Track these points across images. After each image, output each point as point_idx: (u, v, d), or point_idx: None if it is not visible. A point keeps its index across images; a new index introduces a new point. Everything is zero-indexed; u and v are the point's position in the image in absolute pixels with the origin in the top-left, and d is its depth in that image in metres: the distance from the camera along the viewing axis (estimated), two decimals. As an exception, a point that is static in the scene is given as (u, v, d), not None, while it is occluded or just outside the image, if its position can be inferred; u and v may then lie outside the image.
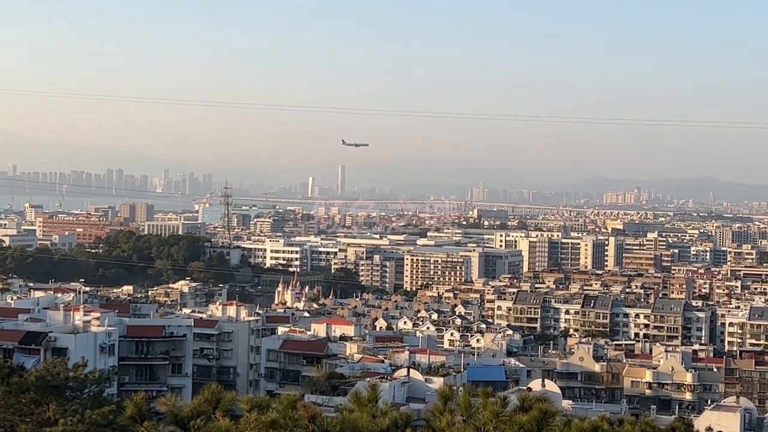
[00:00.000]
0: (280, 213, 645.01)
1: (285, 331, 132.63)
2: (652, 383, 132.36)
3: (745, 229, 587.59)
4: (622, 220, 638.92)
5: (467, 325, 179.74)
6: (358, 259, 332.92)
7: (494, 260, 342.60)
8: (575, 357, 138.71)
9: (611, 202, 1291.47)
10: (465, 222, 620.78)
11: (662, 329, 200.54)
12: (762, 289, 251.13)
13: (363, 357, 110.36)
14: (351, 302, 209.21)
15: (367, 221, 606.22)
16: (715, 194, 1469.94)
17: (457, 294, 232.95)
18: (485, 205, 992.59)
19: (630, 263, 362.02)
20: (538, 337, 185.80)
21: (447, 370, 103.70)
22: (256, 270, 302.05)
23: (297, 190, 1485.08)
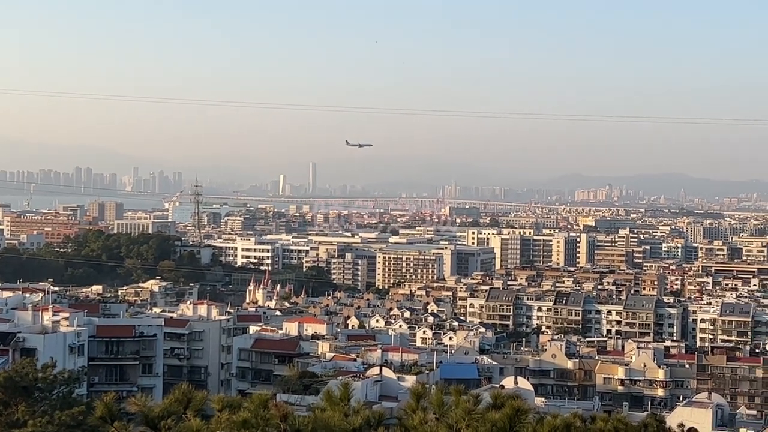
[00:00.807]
0: (251, 211, 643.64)
1: (256, 330, 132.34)
2: (625, 380, 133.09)
3: (716, 225, 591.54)
4: (593, 217, 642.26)
5: (439, 322, 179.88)
6: (329, 257, 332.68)
7: (466, 258, 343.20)
8: (548, 354, 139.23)
9: (583, 199, 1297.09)
10: (437, 219, 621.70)
11: (634, 326, 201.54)
12: (733, 285, 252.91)
13: (335, 356, 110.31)
14: (323, 301, 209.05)
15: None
16: (687, 191, 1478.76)
17: (430, 292, 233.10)
18: (457, 202, 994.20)
19: (602, 260, 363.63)
20: (511, 334, 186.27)
21: (419, 368, 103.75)
22: (227, 269, 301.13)
23: (268, 188, 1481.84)
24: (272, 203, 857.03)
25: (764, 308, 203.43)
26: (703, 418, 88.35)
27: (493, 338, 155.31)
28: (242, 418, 21.43)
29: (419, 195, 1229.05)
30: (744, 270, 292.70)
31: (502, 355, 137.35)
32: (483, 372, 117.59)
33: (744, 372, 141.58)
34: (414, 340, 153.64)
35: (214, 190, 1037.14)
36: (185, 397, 21.94)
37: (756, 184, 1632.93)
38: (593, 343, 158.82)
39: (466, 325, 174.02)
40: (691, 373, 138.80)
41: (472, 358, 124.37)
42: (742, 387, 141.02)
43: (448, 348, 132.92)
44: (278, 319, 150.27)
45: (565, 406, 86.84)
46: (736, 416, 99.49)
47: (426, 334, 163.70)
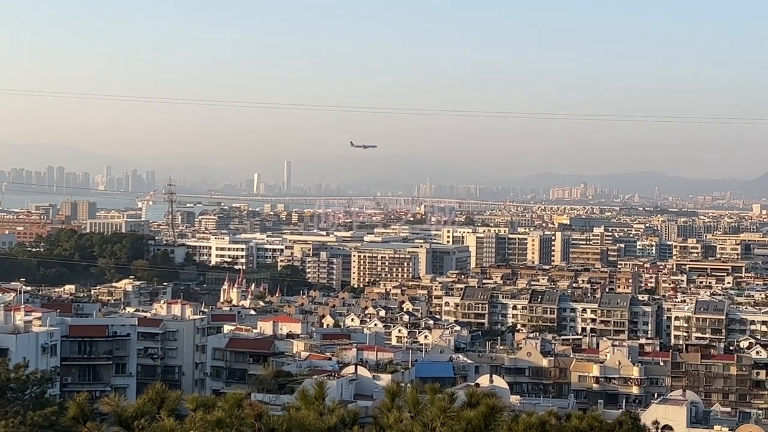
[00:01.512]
0: (225, 210, 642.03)
1: (231, 330, 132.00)
2: (599, 378, 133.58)
3: (690, 223, 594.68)
4: (568, 215, 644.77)
5: (415, 321, 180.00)
6: (304, 256, 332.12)
7: (441, 256, 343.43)
8: (523, 352, 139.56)
9: (558, 198, 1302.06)
10: (412, 218, 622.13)
11: (609, 324, 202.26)
12: (707, 283, 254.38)
13: (310, 355, 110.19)
14: (298, 300, 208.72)
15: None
16: (661, 189, 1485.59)
17: (405, 290, 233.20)
18: (432, 200, 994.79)
19: (576, 258, 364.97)
20: (486, 332, 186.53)
21: (395, 366, 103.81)
22: (201, 268, 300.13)
23: (242, 187, 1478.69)
24: (246, 202, 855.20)
25: (738, 306, 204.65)
26: (678, 416, 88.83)
27: (468, 337, 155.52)
28: (216, 418, 21.38)
29: (394, 194, 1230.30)
30: (718, 268, 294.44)
31: (478, 354, 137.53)
32: (458, 370, 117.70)
33: (718, 369, 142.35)
34: (389, 339, 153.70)
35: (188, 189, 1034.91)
36: (159, 396, 21.86)
37: (730, 183, 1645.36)
38: (568, 341, 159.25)
39: (442, 324, 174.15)
40: (665, 370, 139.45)
41: (448, 357, 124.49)
42: (717, 384, 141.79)
43: (423, 346, 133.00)
44: (253, 319, 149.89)
45: (540, 404, 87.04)
46: (711, 413, 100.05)
47: (401, 332, 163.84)
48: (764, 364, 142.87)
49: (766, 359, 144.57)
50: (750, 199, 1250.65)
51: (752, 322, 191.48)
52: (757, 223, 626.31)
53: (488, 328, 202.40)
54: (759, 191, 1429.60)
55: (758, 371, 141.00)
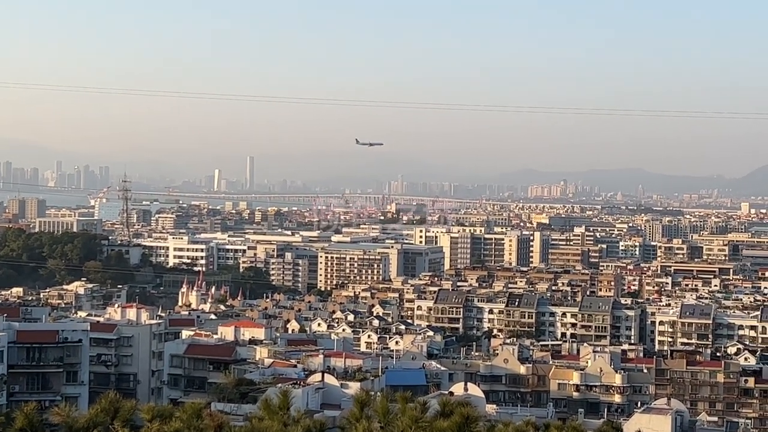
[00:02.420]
0: (184, 208, 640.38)
1: (190, 335, 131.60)
2: (580, 385, 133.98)
3: (676, 222, 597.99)
4: (547, 214, 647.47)
5: (385, 326, 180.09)
6: (268, 257, 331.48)
7: (414, 257, 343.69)
8: (499, 359, 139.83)
9: (536, 196, 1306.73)
10: (382, 217, 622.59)
11: (590, 329, 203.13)
12: (693, 285, 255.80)
13: (274, 362, 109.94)
14: (261, 303, 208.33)
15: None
16: (645, 186, 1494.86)
17: (375, 293, 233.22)
18: (404, 198, 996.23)
19: (556, 259, 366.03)
20: (461, 338, 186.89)
21: (364, 374, 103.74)
22: (157, 269, 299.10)
23: (202, 184, 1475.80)
24: (206, 200, 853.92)
25: (725, 310, 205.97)
26: (662, 426, 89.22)
27: (441, 342, 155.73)
28: (174, 429, 21.33)
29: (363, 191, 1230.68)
30: (704, 270, 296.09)
31: (452, 360, 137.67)
32: (431, 378, 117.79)
33: (704, 377, 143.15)
34: (358, 345, 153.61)
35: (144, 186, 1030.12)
36: (112, 406, 21.79)
37: (717, 180, 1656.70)
38: (547, 346, 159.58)
39: (414, 329, 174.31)
40: (649, 378, 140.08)
41: (420, 364, 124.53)
42: (703, 392, 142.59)
43: (394, 353, 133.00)
44: (213, 323, 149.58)
45: (517, 414, 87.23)
46: (697, 423, 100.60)
47: (371, 338, 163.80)
48: (753, 371, 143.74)
49: (754, 366, 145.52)
50: (738, 197, 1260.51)
51: (740, 327, 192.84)
52: (745, 222, 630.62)
53: (463, 333, 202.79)
54: (748, 189, 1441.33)
55: (746, 379, 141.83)
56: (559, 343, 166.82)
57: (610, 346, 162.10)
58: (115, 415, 21.67)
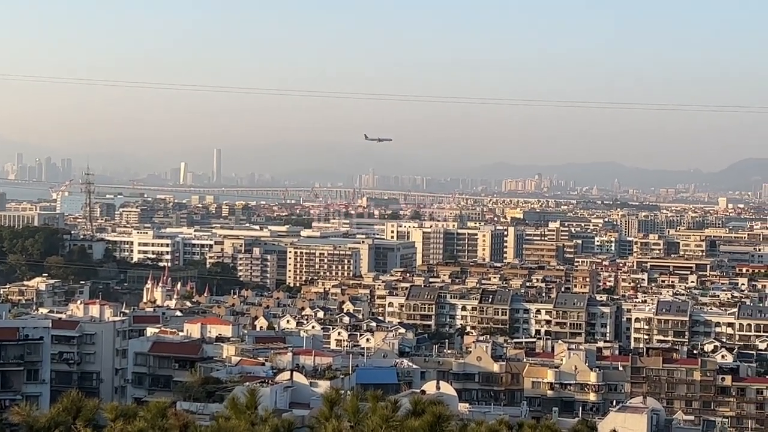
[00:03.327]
0: (149, 202, 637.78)
1: (154, 333, 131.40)
2: (554, 384, 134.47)
3: (652, 217, 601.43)
4: (522, 209, 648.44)
5: (356, 323, 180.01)
6: (235, 252, 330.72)
7: (385, 253, 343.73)
8: (472, 356, 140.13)
9: (510, 190, 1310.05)
10: (353, 211, 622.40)
11: (565, 326, 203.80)
12: (670, 281, 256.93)
13: (241, 360, 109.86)
14: (228, 300, 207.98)
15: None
16: (620, 180, 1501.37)
17: (345, 290, 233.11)
18: (375, 192, 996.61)
19: (530, 255, 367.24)
20: (433, 335, 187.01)
21: (334, 372, 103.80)
22: (121, 265, 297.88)
23: (168, 177, 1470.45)
24: (172, 193, 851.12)
25: (702, 307, 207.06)
26: (638, 424, 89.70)
27: (413, 340, 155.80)
28: (138, 428, 21.25)
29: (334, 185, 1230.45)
30: (681, 266, 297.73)
31: (424, 358, 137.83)
32: (402, 376, 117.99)
33: (681, 375, 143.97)
34: (328, 343, 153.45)
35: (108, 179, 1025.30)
36: (75, 405, 21.68)
37: (694, 174, 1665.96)
38: (521, 344, 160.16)
39: (385, 326, 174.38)
40: (624, 376, 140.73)
41: (391, 362, 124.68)
42: (679, 391, 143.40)
43: (364, 350, 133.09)
44: (179, 320, 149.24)
45: (490, 413, 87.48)
46: (673, 422, 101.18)
47: (341, 335, 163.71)
48: (730, 369, 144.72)
49: (731, 364, 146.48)
50: (716, 192, 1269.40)
51: (717, 324, 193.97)
52: (723, 217, 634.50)
53: (435, 330, 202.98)
54: (725, 184, 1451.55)
55: (723, 377, 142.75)
56: (533, 341, 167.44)
57: (585, 343, 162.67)
58: (77, 414, 21.56)
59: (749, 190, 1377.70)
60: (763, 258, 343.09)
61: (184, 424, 21.50)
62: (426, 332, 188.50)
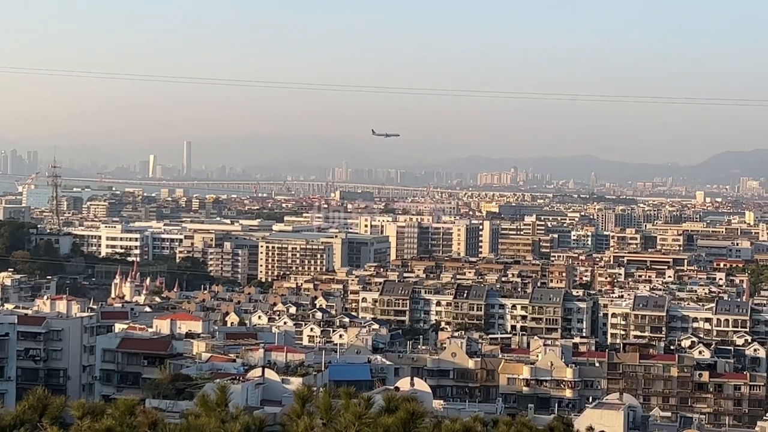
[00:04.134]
0: (117, 195, 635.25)
1: (123, 329, 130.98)
2: (530, 380, 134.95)
3: (629, 211, 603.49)
4: (497, 203, 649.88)
5: (329, 319, 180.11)
6: (206, 246, 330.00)
7: (358, 247, 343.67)
8: (447, 353, 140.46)
9: (486, 183, 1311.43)
10: (326, 205, 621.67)
11: (541, 321, 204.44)
12: (647, 276, 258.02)
13: (212, 356, 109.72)
14: (198, 295, 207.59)
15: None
16: (597, 174, 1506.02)
17: (318, 285, 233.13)
18: (349, 186, 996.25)
19: (506, 249, 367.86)
20: (407, 331, 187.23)
21: (306, 369, 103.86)
22: (89, 260, 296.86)
23: (136, 170, 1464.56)
24: (141, 186, 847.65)
25: (680, 302, 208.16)
26: (614, 421, 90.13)
27: (387, 336, 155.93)
28: (105, 426, 21.16)
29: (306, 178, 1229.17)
30: (658, 260, 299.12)
31: (398, 354, 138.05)
32: (376, 373, 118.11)
33: (658, 371, 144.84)
34: (300, 339, 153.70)
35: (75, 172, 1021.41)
36: (41, 403, 21.57)
37: (672, 168, 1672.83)
38: (496, 340, 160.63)
39: (358, 322, 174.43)
40: (601, 372, 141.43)
41: (365, 358, 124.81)
42: (656, 387, 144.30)
43: (337, 347, 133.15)
44: (148, 316, 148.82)
45: (465, 409, 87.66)
46: (650, 418, 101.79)
47: (314, 331, 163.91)
48: (707, 365, 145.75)
49: (709, 360, 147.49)
50: (693, 185, 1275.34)
51: (695, 320, 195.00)
52: (700, 211, 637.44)
53: (409, 326, 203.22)
54: (703, 177, 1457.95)
55: (701, 373, 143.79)
56: (508, 337, 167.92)
57: (561, 339, 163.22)
58: (43, 412, 21.47)
59: (727, 183, 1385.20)
60: (740, 253, 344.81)
61: (153, 422, 21.42)
62: (400, 328, 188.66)
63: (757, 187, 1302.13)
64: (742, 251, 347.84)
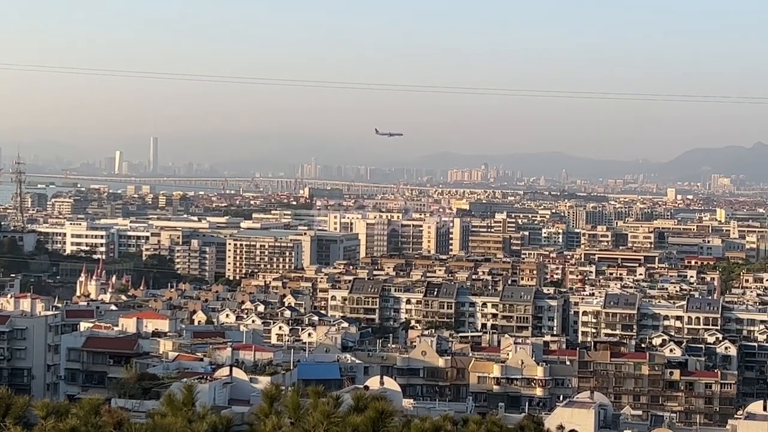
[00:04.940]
0: (83, 192, 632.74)
1: (88, 327, 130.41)
2: (500, 378, 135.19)
3: (600, 208, 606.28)
4: (468, 200, 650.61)
5: (297, 317, 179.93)
6: (173, 244, 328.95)
7: (328, 245, 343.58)
8: (417, 351, 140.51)
9: (456, 180, 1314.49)
10: (295, 202, 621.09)
11: (511, 319, 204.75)
12: (618, 274, 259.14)
13: (179, 355, 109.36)
14: (165, 293, 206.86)
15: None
16: (568, 171, 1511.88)
17: (286, 283, 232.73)
18: (318, 183, 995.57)
19: (477, 247, 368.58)
20: (377, 329, 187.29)
21: (275, 368, 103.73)
22: (54, 257, 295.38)
23: (102, 166, 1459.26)
24: (107, 183, 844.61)
25: (651, 300, 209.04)
26: (585, 419, 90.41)
27: (357, 334, 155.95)
28: (70, 426, 21.08)
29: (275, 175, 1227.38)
30: (629, 258, 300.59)
31: (367, 353, 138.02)
32: (345, 372, 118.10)
33: (629, 369, 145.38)
34: (269, 337, 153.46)
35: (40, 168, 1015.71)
36: (4, 403, 21.49)
37: (643, 165, 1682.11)
38: (467, 338, 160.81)
39: (327, 320, 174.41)
40: (572, 370, 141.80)
41: (334, 357, 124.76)
42: (627, 385, 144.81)
43: (306, 345, 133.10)
44: (114, 315, 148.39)
45: (435, 408, 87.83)
46: (621, 417, 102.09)
47: (282, 330, 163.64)
48: (678, 363, 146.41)
49: (680, 358, 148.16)
50: (664, 182, 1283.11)
51: (666, 317, 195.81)
52: (671, 209, 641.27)
53: (379, 324, 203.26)
54: (674, 174, 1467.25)
55: (672, 371, 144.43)
56: (479, 335, 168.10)
57: (532, 337, 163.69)
58: (6, 412, 21.37)
59: (698, 180, 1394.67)
60: (712, 250, 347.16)
61: (118, 422, 21.37)
62: (369, 326, 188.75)
63: (728, 184, 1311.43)
64: (713, 249, 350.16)
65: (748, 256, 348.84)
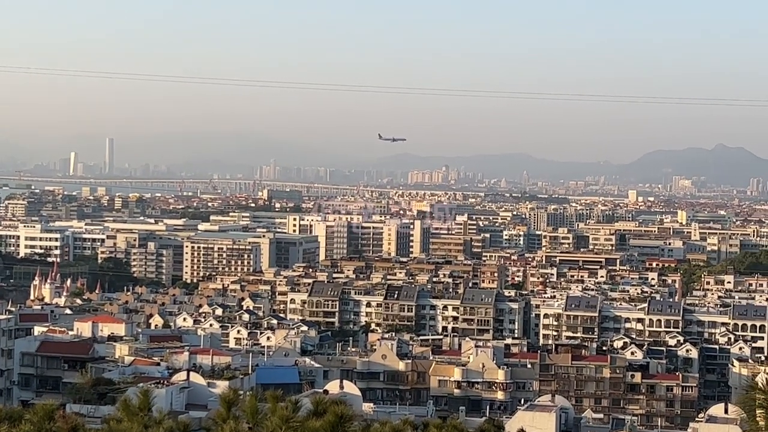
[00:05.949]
0: (37, 194, 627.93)
1: (43, 332, 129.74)
2: (461, 382, 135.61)
3: (561, 210, 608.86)
4: (428, 202, 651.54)
5: (256, 321, 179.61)
6: (129, 246, 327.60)
7: (287, 247, 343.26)
8: (377, 355, 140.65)
9: (417, 182, 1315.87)
10: (253, 204, 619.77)
11: (472, 322, 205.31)
12: (579, 276, 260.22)
13: (135, 359, 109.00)
14: (121, 297, 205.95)
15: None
16: (529, 172, 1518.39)
17: (245, 286, 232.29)
18: (276, 184, 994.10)
19: (437, 249, 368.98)
20: (336, 333, 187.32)
21: (232, 372, 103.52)
22: (7, 260, 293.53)
23: (56, 168, 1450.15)
24: (61, 185, 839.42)
25: (612, 302, 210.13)
26: (546, 423, 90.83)
27: (316, 338, 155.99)
28: (23, 432, 20.96)
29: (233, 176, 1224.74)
30: (590, 260, 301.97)
31: (327, 357, 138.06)
32: (305, 376, 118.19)
33: (590, 372, 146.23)
34: (227, 341, 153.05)
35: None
36: (-45, 409, 21.29)
37: (604, 166, 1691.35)
38: (427, 341, 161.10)
39: (286, 324, 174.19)
40: (533, 373, 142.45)
41: (293, 361, 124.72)
42: (588, 388, 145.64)
43: (265, 349, 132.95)
44: (68, 319, 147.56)
45: (395, 413, 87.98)
46: (582, 420, 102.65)
47: (240, 333, 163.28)
48: (639, 366, 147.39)
49: (641, 360, 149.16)
50: (626, 184, 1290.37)
51: (627, 320, 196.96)
52: (633, 211, 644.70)
53: (339, 327, 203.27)
54: (635, 176, 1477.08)
55: (633, 374, 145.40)
56: (440, 338, 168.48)
57: (493, 340, 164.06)
58: (-42, 418, 21.19)
59: (659, 182, 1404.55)
60: (673, 252, 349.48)
61: (73, 427, 21.26)
62: (329, 330, 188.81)
63: (690, 186, 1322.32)
64: (675, 251, 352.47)
65: (709, 258, 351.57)
